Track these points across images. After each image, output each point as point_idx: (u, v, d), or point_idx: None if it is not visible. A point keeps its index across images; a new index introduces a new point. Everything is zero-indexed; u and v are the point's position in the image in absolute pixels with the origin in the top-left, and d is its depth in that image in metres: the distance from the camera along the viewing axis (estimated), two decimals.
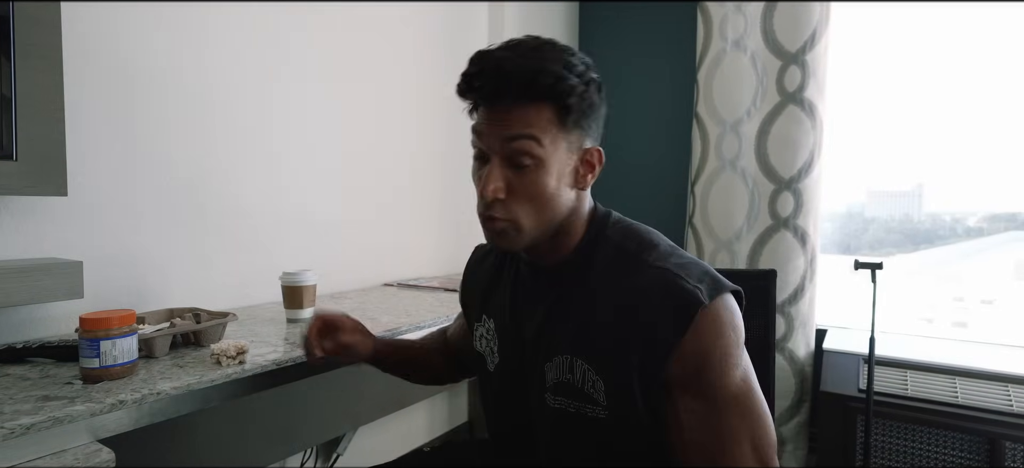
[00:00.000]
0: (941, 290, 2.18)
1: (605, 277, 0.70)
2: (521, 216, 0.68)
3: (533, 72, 0.65)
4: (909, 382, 1.72)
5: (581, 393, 0.70)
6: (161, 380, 0.81)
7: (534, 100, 0.66)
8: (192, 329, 0.97)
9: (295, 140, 1.54)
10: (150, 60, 1.21)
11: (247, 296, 1.43)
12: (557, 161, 0.68)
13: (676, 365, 0.65)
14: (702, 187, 2.09)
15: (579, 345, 0.70)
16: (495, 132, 0.68)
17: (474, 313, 0.89)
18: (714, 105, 2.04)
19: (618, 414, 0.68)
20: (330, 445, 1.61)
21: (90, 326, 0.78)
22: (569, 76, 0.66)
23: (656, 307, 0.65)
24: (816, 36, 1.87)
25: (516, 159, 0.67)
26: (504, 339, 0.81)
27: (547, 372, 0.74)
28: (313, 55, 1.57)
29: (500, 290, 0.84)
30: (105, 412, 0.72)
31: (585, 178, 0.72)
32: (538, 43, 0.68)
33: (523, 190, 0.68)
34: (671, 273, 0.66)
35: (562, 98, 0.66)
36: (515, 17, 2.21)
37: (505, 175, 0.68)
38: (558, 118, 0.67)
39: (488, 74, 0.66)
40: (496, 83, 0.66)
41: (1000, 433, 1.55)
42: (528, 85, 0.65)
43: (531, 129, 0.66)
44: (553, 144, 0.67)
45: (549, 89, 0.65)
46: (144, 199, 1.22)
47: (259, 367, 0.92)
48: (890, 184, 2.18)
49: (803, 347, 1.96)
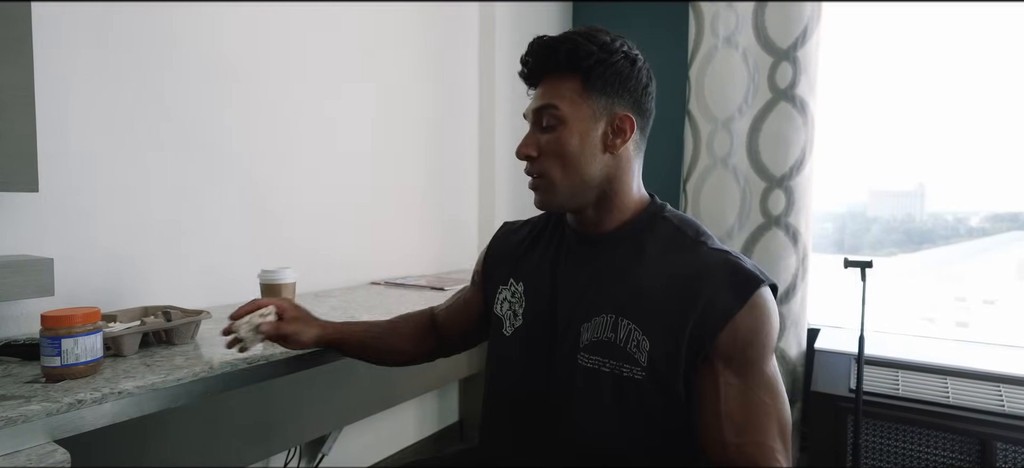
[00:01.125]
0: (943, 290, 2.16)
1: (662, 250, 0.75)
2: (551, 171, 0.77)
3: (555, 44, 0.75)
4: (900, 382, 1.70)
5: (622, 352, 0.72)
6: (125, 379, 0.79)
7: (560, 71, 0.76)
8: (162, 327, 0.95)
9: (281, 138, 1.53)
10: (128, 55, 1.20)
11: (230, 294, 1.42)
12: (579, 122, 0.75)
13: (727, 337, 0.69)
14: (694, 185, 2.07)
15: (628, 306, 0.73)
16: (532, 105, 0.79)
17: (500, 276, 0.90)
18: (706, 102, 2.03)
19: (656, 376, 0.71)
20: (315, 444, 1.60)
21: (51, 324, 0.77)
22: (588, 45, 0.74)
23: (718, 280, 0.70)
24: (807, 32, 1.85)
25: (543, 122, 0.77)
26: (535, 299, 0.83)
27: (583, 332, 0.76)
28: (299, 54, 1.55)
29: (537, 254, 0.87)
30: (62, 412, 0.70)
31: (615, 143, 0.77)
32: (586, 28, 0.77)
33: (549, 148, 0.76)
34: (732, 256, 0.73)
35: (580, 64, 0.74)
36: (506, 17, 2.19)
37: (535, 137, 0.78)
38: (582, 86, 0.75)
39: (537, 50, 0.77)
40: (533, 60, 0.78)
41: (992, 434, 1.53)
42: (549, 56, 0.76)
43: (556, 95, 0.76)
44: (574, 107, 0.75)
45: (568, 56, 0.74)
46: (121, 196, 1.20)
47: (229, 365, 0.90)
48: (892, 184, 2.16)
49: (795, 346, 1.94)
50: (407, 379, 1.46)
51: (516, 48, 2.23)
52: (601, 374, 0.73)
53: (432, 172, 2.04)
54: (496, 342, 0.87)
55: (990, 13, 1.84)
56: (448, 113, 2.09)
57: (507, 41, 2.20)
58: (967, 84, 1.91)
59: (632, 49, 0.77)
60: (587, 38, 0.75)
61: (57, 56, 1.09)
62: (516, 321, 0.84)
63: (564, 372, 0.77)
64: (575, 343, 0.76)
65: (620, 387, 0.72)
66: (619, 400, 0.73)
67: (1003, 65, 1.85)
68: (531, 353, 0.81)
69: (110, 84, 1.18)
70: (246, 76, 1.43)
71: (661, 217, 0.79)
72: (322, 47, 1.62)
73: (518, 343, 0.83)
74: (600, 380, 0.73)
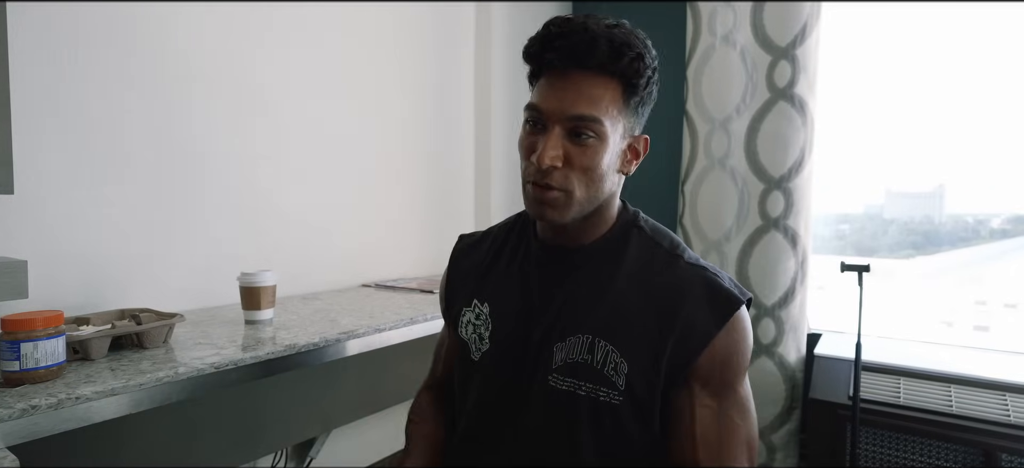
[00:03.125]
0: (963, 293, 2.11)
1: (639, 267, 0.72)
2: (575, 187, 0.68)
3: (621, 43, 0.65)
4: (902, 389, 1.64)
5: (599, 375, 0.69)
6: (85, 384, 0.79)
7: (609, 73, 0.66)
8: (131, 331, 0.95)
9: (270, 139, 1.52)
10: (111, 54, 1.20)
11: (216, 296, 1.41)
12: (614, 141, 0.69)
13: (705, 359, 0.67)
14: (691, 186, 2.04)
15: (605, 327, 0.70)
16: (563, 100, 0.66)
17: (462, 299, 0.83)
18: (703, 102, 1.99)
19: (634, 400, 0.69)
20: (303, 448, 1.59)
21: (10, 328, 0.76)
22: (647, 56, 0.68)
23: (698, 300, 0.68)
24: (806, 30, 1.81)
25: (579, 130, 0.67)
26: (502, 321, 0.77)
27: (556, 352, 0.72)
28: (288, 53, 1.55)
29: (502, 270, 0.81)
30: (15, 417, 0.70)
31: (630, 164, 0.73)
32: (616, 22, 0.68)
33: (579, 162, 0.67)
34: (710, 273, 0.71)
35: (634, 77, 0.67)
36: (503, 17, 2.17)
37: (564, 145, 0.67)
38: (623, 98, 0.68)
39: (576, 36, 0.65)
40: (583, 46, 0.65)
41: (996, 445, 1.47)
42: (612, 54, 0.65)
43: (599, 104, 0.66)
44: (614, 123, 0.68)
45: (628, 65, 0.66)
46: (102, 197, 1.20)
47: (195, 370, 0.89)
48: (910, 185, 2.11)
49: (793, 352, 1.90)
50: (396, 383, 1.45)
51: (513, 49, 2.21)
52: (576, 398, 0.70)
53: (425, 173, 2.02)
54: (463, 367, 0.82)
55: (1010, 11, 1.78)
56: (442, 114, 2.07)
57: (503, 42, 2.18)
58: (987, 83, 1.85)
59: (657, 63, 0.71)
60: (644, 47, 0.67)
61: (33, 56, 1.10)
62: (483, 345, 0.78)
63: (536, 395, 0.72)
64: (547, 364, 0.72)
65: (596, 411, 0.69)
66: (595, 425, 0.69)
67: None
68: (502, 377, 0.76)
69: (89, 84, 1.18)
70: (233, 75, 1.43)
71: (636, 227, 0.76)
72: (313, 47, 1.61)
73: (486, 368, 0.78)
74: (576, 404, 0.70)
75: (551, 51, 0.67)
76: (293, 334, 1.12)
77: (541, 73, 0.70)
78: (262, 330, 1.15)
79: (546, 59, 0.68)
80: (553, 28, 0.67)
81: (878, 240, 2.17)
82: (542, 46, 0.68)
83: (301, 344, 1.07)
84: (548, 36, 0.67)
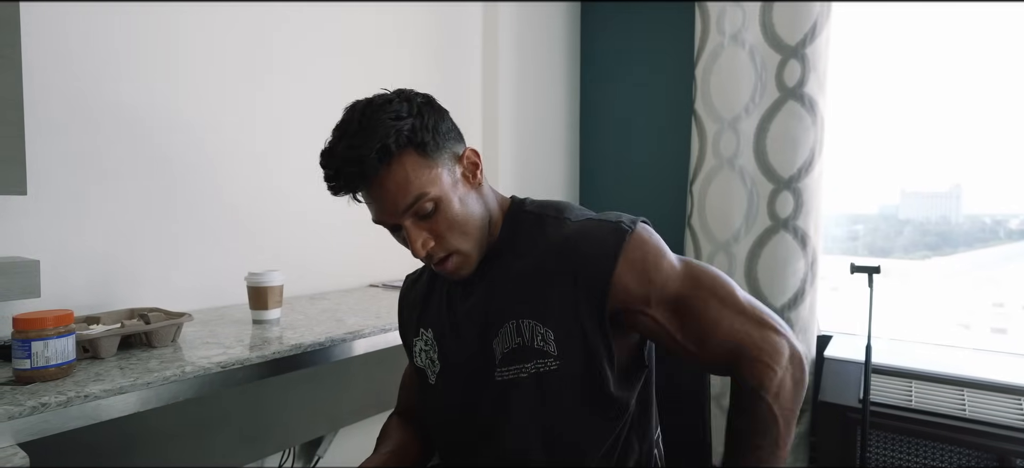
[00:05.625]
0: (980, 295, 2.07)
1: (532, 242, 0.77)
2: (458, 243, 0.74)
3: (377, 142, 0.67)
4: (914, 393, 1.62)
5: (532, 350, 0.73)
6: (94, 382, 0.80)
7: (395, 158, 0.69)
8: (139, 330, 0.96)
9: (279, 139, 1.53)
10: (121, 58, 1.21)
11: (224, 296, 1.43)
12: (446, 186, 0.73)
13: (620, 288, 0.70)
14: (700, 186, 2.02)
15: (522, 306, 0.74)
16: (389, 207, 0.71)
17: (412, 330, 0.89)
18: (711, 101, 1.97)
19: (569, 358, 0.72)
20: (310, 446, 1.60)
21: (22, 326, 0.78)
22: (402, 122, 0.69)
23: (588, 245, 0.72)
24: (817, 29, 1.79)
25: (417, 211, 0.71)
26: (445, 340, 0.82)
27: (496, 349, 0.76)
28: (294, 53, 1.56)
29: (436, 295, 0.86)
30: (25, 415, 0.71)
31: (475, 177, 0.77)
32: (360, 111, 0.70)
33: (441, 228, 0.73)
34: (594, 219, 0.76)
35: (413, 141, 0.70)
36: (510, 18, 2.17)
37: (421, 228, 0.73)
38: (421, 156, 0.71)
39: (344, 168, 0.69)
40: (355, 170, 0.69)
41: (1011, 450, 1.45)
42: (380, 154, 0.68)
43: (412, 186, 0.70)
44: (433, 178, 0.71)
45: (397, 144, 0.68)
46: (113, 199, 1.22)
47: (202, 369, 0.90)
48: (925, 185, 2.08)
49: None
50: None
51: (520, 50, 2.21)
52: (519, 382, 0.74)
53: None
54: (423, 394, 0.87)
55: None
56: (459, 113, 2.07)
57: (511, 42, 2.18)
58: (1004, 82, 1.81)
59: (414, 93, 0.74)
60: (394, 117, 0.69)
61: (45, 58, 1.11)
62: (435, 368, 0.83)
63: (491, 395, 0.76)
64: (491, 363, 0.76)
65: (539, 386, 0.73)
66: (545, 397, 0.73)
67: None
68: (458, 391, 0.80)
69: (99, 85, 1.19)
70: (239, 76, 1.44)
71: (523, 212, 0.81)
72: (319, 47, 1.62)
73: (442, 386, 0.82)
74: (520, 388, 0.74)
75: (338, 185, 0.71)
76: (300, 334, 1.13)
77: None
78: (269, 330, 1.16)
79: (339, 188, 0.72)
80: (327, 171, 0.71)
81: (892, 241, 2.14)
82: (336, 186, 0.72)
83: (308, 343, 1.08)
84: (329, 179, 0.71)
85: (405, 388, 1.00)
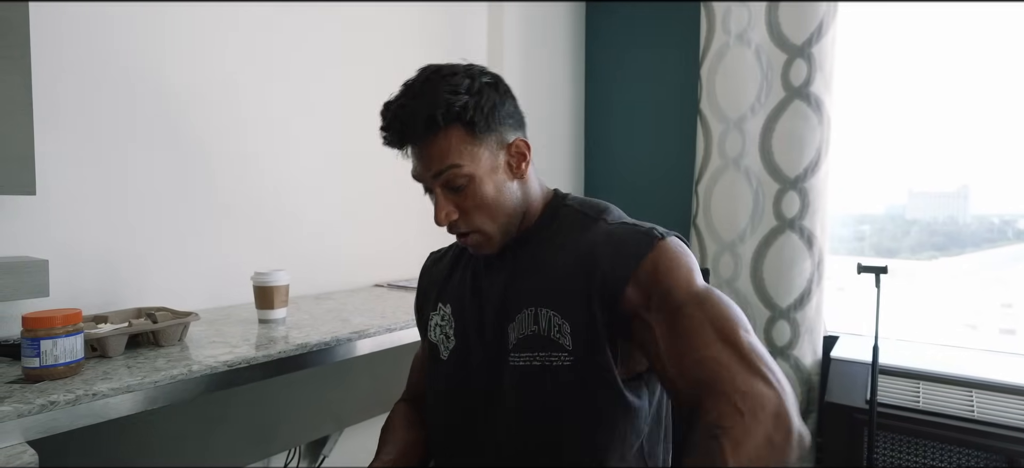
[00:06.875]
0: (988, 295, 2.06)
1: (565, 235, 0.77)
2: (481, 223, 0.76)
3: (427, 111, 0.71)
4: (921, 394, 1.61)
5: (547, 341, 0.73)
6: (102, 381, 0.80)
7: (441, 129, 0.72)
8: (147, 329, 0.97)
9: (287, 140, 1.54)
10: (127, 58, 1.22)
11: (230, 296, 1.43)
12: (484, 168, 0.75)
13: (632, 290, 0.69)
14: (705, 187, 2.02)
15: (543, 295, 0.74)
16: (424, 169, 0.75)
17: (429, 305, 0.90)
18: (717, 101, 1.97)
19: (583, 356, 0.71)
20: (316, 445, 1.61)
21: (31, 325, 0.78)
22: (457, 98, 0.71)
23: (617, 246, 0.72)
24: (823, 28, 1.78)
25: (451, 184, 0.74)
26: (462, 317, 0.83)
27: (510, 333, 0.76)
28: (299, 53, 1.56)
29: (459, 273, 0.87)
30: (34, 413, 0.72)
31: (519, 168, 0.78)
32: (425, 76, 0.75)
33: (469, 204, 0.75)
34: (628, 224, 0.76)
35: (462, 118, 0.72)
36: (516, 17, 2.17)
37: (449, 199, 0.76)
38: (468, 133, 0.73)
39: (393, 125, 0.74)
40: (403, 129, 0.74)
41: (1019, 451, 1.44)
42: (428, 123, 0.72)
43: (450, 156, 0.73)
44: (473, 157, 0.74)
45: (445, 117, 0.72)
46: (121, 199, 1.23)
47: (208, 368, 0.91)
48: (933, 185, 2.07)
49: (809, 355, 1.87)
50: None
51: (526, 49, 2.21)
52: (532, 370, 0.74)
53: None
54: (433, 367, 0.86)
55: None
56: None
57: (517, 42, 2.18)
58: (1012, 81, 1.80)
59: (483, 71, 0.76)
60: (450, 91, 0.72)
61: (54, 58, 1.12)
62: (449, 343, 0.83)
63: (502, 378, 0.76)
64: (505, 347, 0.76)
65: (551, 378, 0.73)
66: (553, 390, 0.73)
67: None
68: (468, 370, 0.80)
69: (106, 86, 1.20)
70: (245, 76, 1.45)
71: (564, 206, 0.81)
72: (324, 48, 1.63)
73: (454, 364, 0.82)
74: (532, 376, 0.74)
75: (388, 139, 0.76)
76: (305, 333, 1.13)
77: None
78: (275, 329, 1.17)
79: (390, 142, 0.76)
80: (382, 121, 0.75)
81: (899, 241, 2.13)
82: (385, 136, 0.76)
83: (313, 343, 1.08)
84: (382, 126, 0.76)
85: (416, 371, 1.00)
